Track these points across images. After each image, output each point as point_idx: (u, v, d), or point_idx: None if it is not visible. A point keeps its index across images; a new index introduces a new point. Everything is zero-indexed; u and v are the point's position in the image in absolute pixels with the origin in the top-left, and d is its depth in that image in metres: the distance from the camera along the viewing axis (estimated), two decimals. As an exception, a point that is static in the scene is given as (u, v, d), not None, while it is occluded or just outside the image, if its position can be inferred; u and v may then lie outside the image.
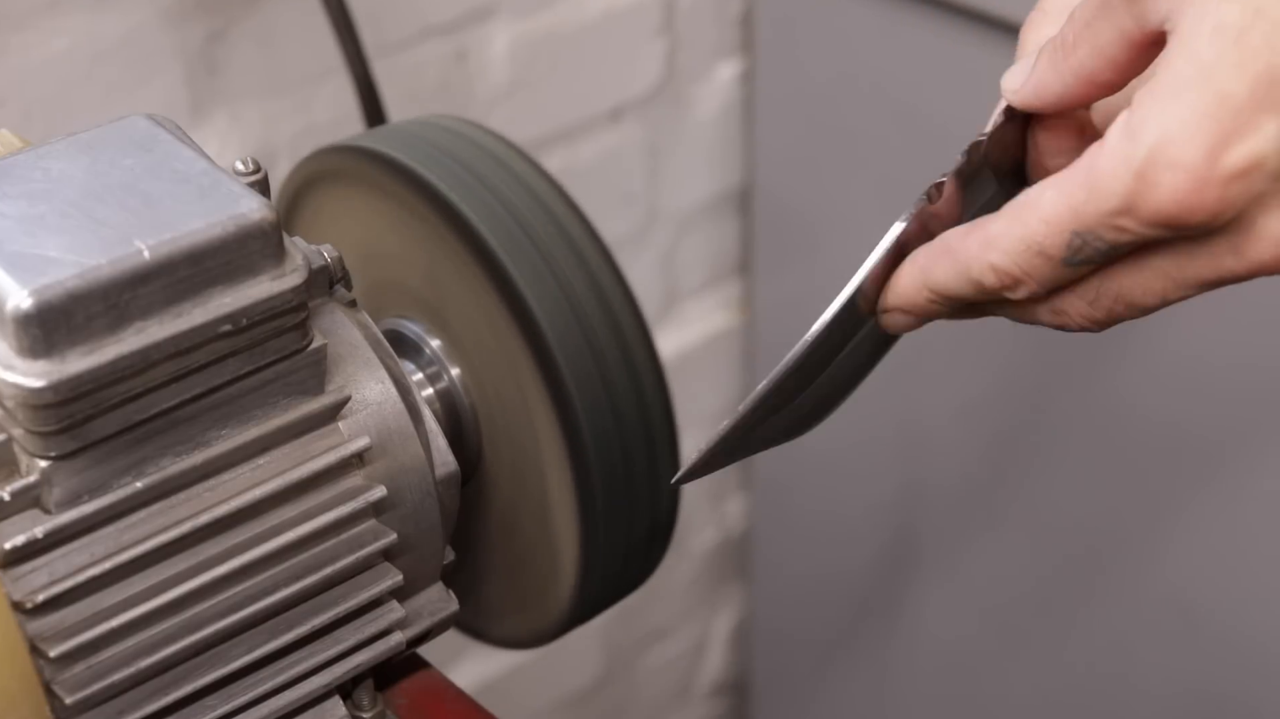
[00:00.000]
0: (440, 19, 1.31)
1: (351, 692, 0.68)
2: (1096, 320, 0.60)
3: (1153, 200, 0.53)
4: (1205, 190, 0.52)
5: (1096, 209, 0.55)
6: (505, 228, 0.70)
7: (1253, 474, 1.28)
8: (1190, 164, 0.52)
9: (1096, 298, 0.59)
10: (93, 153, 0.60)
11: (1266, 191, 0.53)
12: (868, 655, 1.66)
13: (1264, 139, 0.52)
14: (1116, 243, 0.55)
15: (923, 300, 0.62)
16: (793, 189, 1.50)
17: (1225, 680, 1.36)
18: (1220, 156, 0.52)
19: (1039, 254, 0.57)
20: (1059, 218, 0.56)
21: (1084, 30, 0.58)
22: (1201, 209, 0.53)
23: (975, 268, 0.59)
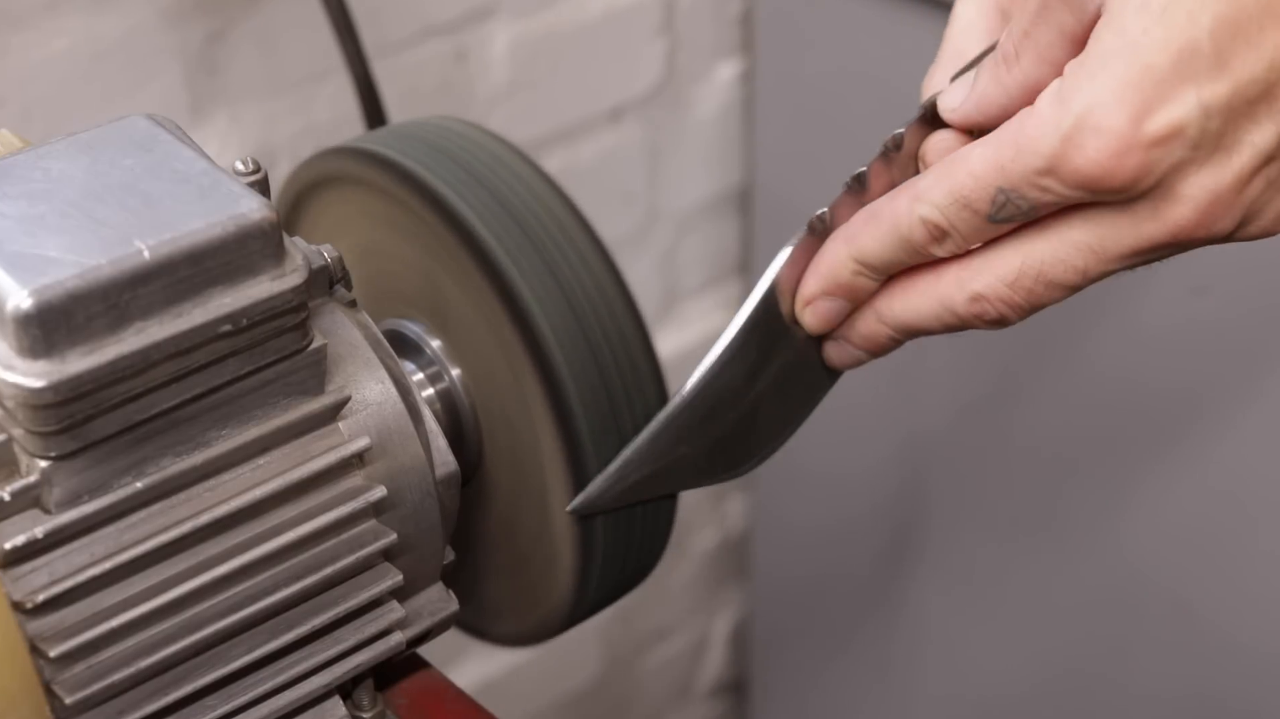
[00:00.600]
0: (440, 19, 1.31)
1: (351, 692, 0.68)
2: (1016, 305, 0.61)
3: (1077, 161, 0.56)
4: (1128, 154, 0.55)
5: (1023, 167, 0.57)
6: (505, 228, 0.70)
7: (1253, 475, 1.28)
8: (1115, 129, 0.55)
9: (1017, 278, 0.60)
10: (93, 153, 0.60)
11: (1185, 159, 0.55)
12: (868, 655, 1.66)
13: (1185, 107, 0.54)
14: (1038, 203, 0.58)
15: (848, 274, 0.64)
16: (793, 189, 1.50)
17: (1224, 680, 1.36)
18: (1143, 122, 0.54)
19: (966, 207, 0.59)
20: (986, 173, 0.58)
21: (1024, 39, 0.60)
22: (1123, 172, 0.55)
23: (904, 222, 0.61)
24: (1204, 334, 1.25)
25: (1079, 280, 0.60)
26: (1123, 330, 1.28)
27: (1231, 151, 0.55)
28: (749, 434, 0.70)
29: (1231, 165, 0.55)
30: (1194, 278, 1.20)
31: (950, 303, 0.62)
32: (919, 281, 0.63)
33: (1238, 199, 0.56)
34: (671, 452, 0.68)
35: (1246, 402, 1.25)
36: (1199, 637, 1.36)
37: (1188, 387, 1.28)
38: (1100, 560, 1.40)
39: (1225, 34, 0.54)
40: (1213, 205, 0.56)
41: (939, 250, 0.61)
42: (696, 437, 0.68)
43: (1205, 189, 0.56)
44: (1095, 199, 0.57)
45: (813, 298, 0.65)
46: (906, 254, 0.62)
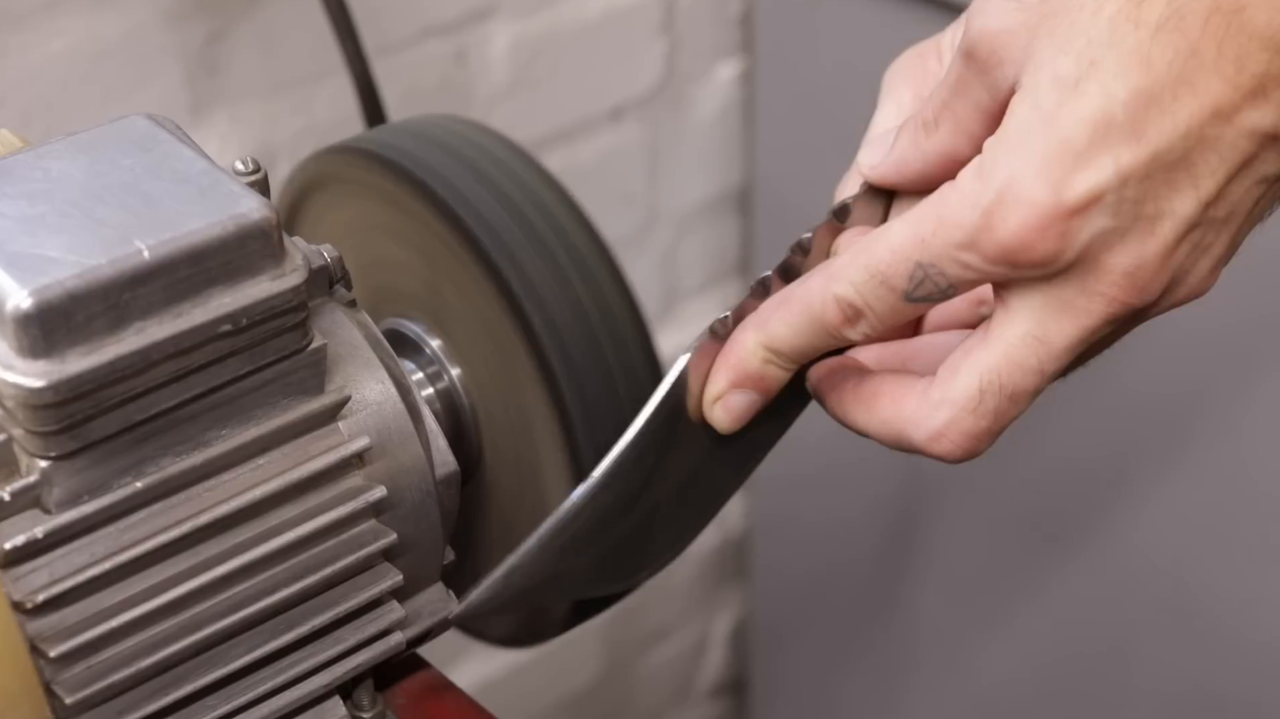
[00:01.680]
0: (440, 19, 1.31)
1: (351, 692, 0.68)
2: (985, 431, 0.60)
3: (998, 234, 0.55)
4: (1049, 226, 0.55)
5: (943, 240, 0.56)
6: (505, 228, 0.70)
7: (1253, 475, 1.28)
8: (1034, 200, 0.54)
9: (980, 400, 0.59)
10: (93, 153, 0.60)
11: (1107, 228, 0.55)
12: (868, 655, 1.66)
13: (1102, 175, 0.54)
14: (958, 280, 0.57)
15: (758, 363, 0.62)
16: (793, 189, 1.50)
17: (1225, 680, 1.36)
18: (1062, 193, 0.54)
19: (882, 283, 0.58)
20: (905, 247, 0.57)
21: (943, 110, 0.59)
22: (1044, 244, 0.55)
23: (817, 303, 0.60)
24: (1204, 334, 1.25)
25: (1038, 381, 0.59)
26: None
27: (1155, 221, 0.55)
28: (644, 544, 0.68)
29: (1155, 234, 0.55)
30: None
31: (911, 440, 0.60)
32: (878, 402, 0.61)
33: (1164, 265, 0.56)
34: (560, 561, 0.65)
35: (1247, 401, 1.25)
36: (1200, 636, 1.36)
37: (1188, 386, 1.28)
38: (1100, 559, 1.40)
39: (1140, 104, 0.54)
40: (1139, 273, 0.55)
41: (853, 333, 0.60)
42: (586, 546, 0.65)
43: (1130, 257, 0.55)
44: (1017, 275, 0.56)
45: (722, 392, 0.63)
46: (819, 338, 0.60)
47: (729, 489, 0.69)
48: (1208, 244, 0.57)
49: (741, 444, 0.66)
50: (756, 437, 0.66)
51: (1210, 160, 0.55)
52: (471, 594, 0.65)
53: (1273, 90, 0.54)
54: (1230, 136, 0.54)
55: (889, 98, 0.66)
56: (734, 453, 0.66)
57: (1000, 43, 0.56)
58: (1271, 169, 0.56)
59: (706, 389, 0.63)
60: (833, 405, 0.63)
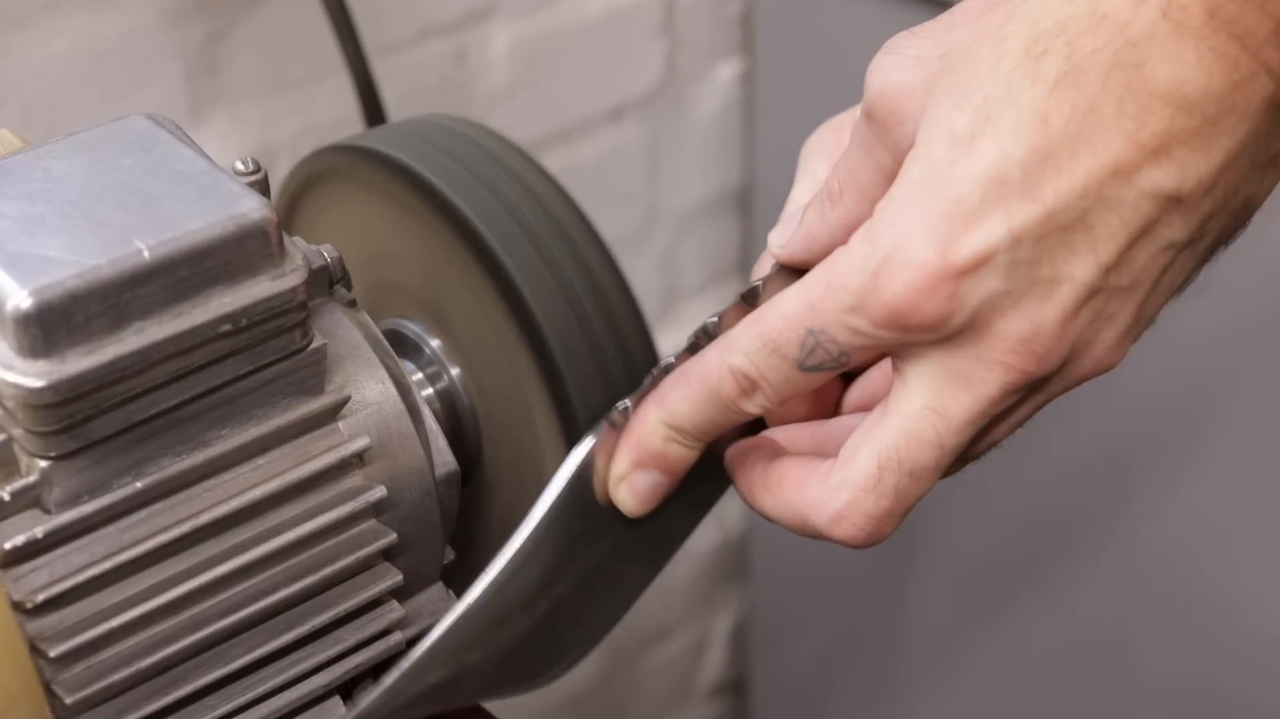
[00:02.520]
0: (440, 19, 1.31)
1: (351, 692, 0.68)
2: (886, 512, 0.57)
3: (884, 295, 0.53)
4: (936, 286, 0.53)
5: (833, 305, 0.55)
6: (505, 228, 0.70)
7: (1253, 475, 1.28)
8: (922, 260, 0.53)
9: (879, 478, 0.57)
10: (93, 153, 0.60)
11: (999, 291, 0.53)
12: (868, 655, 1.66)
13: (993, 235, 0.52)
14: (848, 346, 0.55)
15: (659, 441, 0.61)
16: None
17: (1227, 674, 1.36)
18: (950, 252, 0.52)
19: (775, 352, 0.57)
20: (796, 314, 0.56)
21: (848, 177, 0.58)
22: (931, 305, 0.53)
23: (713, 375, 0.58)
24: (1204, 334, 1.25)
25: (938, 456, 0.56)
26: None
27: (1050, 284, 0.53)
28: (549, 643, 0.65)
29: (1052, 299, 0.53)
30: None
31: (812, 524, 0.58)
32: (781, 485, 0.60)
33: (1063, 333, 0.53)
34: (456, 661, 0.63)
35: (1247, 401, 1.26)
36: (1202, 635, 1.36)
37: (1188, 386, 1.28)
38: (1101, 559, 1.40)
39: (1035, 162, 0.52)
40: (1035, 340, 0.53)
41: (750, 406, 0.58)
42: (484, 646, 0.63)
43: (1026, 322, 0.53)
44: (907, 339, 0.54)
45: (625, 473, 0.62)
46: (718, 412, 0.59)
47: (640, 584, 0.66)
48: (1111, 313, 0.54)
49: (652, 534, 0.64)
50: (668, 526, 0.64)
51: (1110, 222, 0.52)
52: (364, 701, 0.63)
53: (1175, 149, 0.52)
54: (1131, 197, 0.52)
55: (804, 173, 0.65)
56: (645, 544, 0.64)
57: (899, 100, 0.55)
58: (1177, 234, 0.53)
59: (611, 470, 0.62)
60: (742, 489, 0.62)
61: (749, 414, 0.59)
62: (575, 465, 0.61)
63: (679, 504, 0.63)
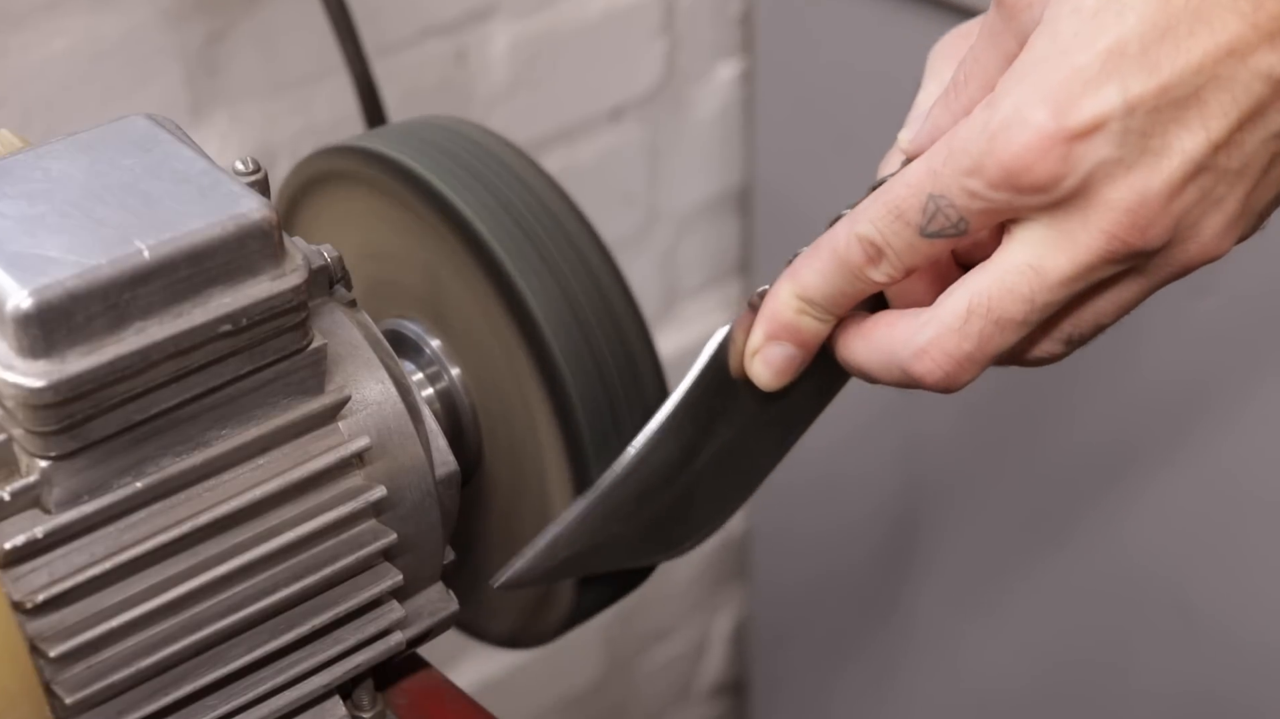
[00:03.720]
0: (440, 19, 1.31)
1: (351, 692, 0.68)
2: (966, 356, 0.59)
3: (1000, 156, 0.56)
4: (1050, 148, 0.55)
5: (952, 169, 0.57)
6: (505, 228, 0.70)
7: (1253, 475, 1.28)
8: (1038, 122, 0.55)
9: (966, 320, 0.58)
10: (93, 153, 0.60)
11: (1110, 158, 0.55)
12: (868, 655, 1.66)
13: (1108, 102, 0.54)
14: (966, 210, 0.57)
15: (792, 314, 0.63)
16: (793, 189, 1.50)
17: (1224, 679, 1.36)
18: (1066, 117, 0.55)
19: (898, 218, 0.59)
20: (918, 181, 0.58)
21: (973, 67, 0.60)
22: (1044, 165, 0.55)
23: (842, 245, 0.61)
24: (1204, 334, 1.25)
25: (1026, 311, 0.58)
26: (1123, 330, 1.28)
27: (1160, 155, 0.55)
28: (687, 513, 0.68)
29: (1160, 170, 0.55)
30: (1194, 277, 1.20)
31: (898, 359, 0.61)
32: (876, 329, 0.62)
33: (1168, 207, 0.56)
34: (603, 530, 0.66)
35: (1247, 401, 1.25)
36: (1199, 636, 1.36)
37: (1189, 386, 1.28)
38: (1100, 560, 1.40)
39: (1154, 36, 0.54)
40: (1141, 210, 0.55)
41: (876, 274, 0.60)
42: (629, 516, 0.66)
43: (1133, 191, 0.55)
44: (1020, 202, 0.56)
45: (759, 346, 0.64)
46: (846, 282, 0.61)
47: (770, 462, 0.69)
48: (1219, 197, 0.56)
49: (782, 414, 0.67)
50: (797, 408, 0.67)
51: (1222, 100, 0.55)
52: (514, 563, 0.66)
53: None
54: (1244, 77, 0.54)
55: (931, 76, 0.66)
56: (775, 423, 0.67)
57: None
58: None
59: (748, 345, 0.64)
60: (839, 342, 0.63)
61: (875, 283, 0.61)
62: (715, 345, 0.64)
63: (806, 387, 0.65)
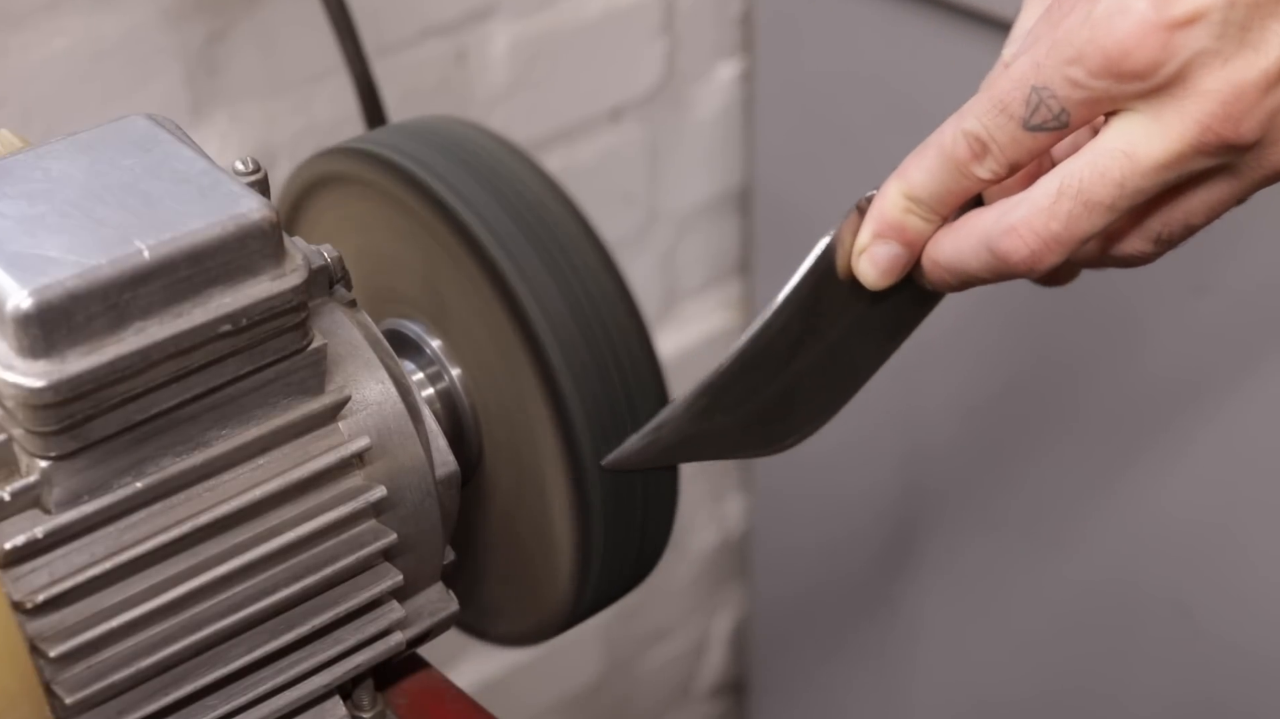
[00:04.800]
0: (440, 19, 1.31)
1: (351, 692, 0.68)
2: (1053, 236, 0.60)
3: (1102, 43, 0.57)
4: (1151, 34, 0.57)
5: (1055, 59, 0.59)
6: (505, 228, 0.70)
7: (1253, 476, 1.28)
8: (1139, 10, 0.57)
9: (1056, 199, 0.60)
10: (93, 153, 0.60)
11: (1208, 49, 0.57)
12: (868, 655, 1.66)
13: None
14: (1067, 101, 0.59)
15: (899, 213, 0.64)
16: (793, 189, 1.50)
17: (1223, 681, 1.36)
18: (1168, 5, 0.56)
19: (1002, 111, 0.60)
20: (1022, 74, 0.60)
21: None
22: (1144, 51, 0.57)
23: (948, 140, 0.62)
24: (1204, 334, 1.25)
25: (1116, 195, 0.59)
26: (1123, 330, 1.28)
27: (1258, 48, 0.56)
28: (788, 410, 0.69)
29: (1257, 62, 0.56)
30: (1194, 278, 1.20)
31: (988, 238, 0.62)
32: (967, 220, 0.63)
33: (1263, 100, 0.57)
34: (708, 419, 0.68)
35: (1247, 401, 1.25)
36: (1198, 638, 1.36)
37: (1188, 386, 1.28)
38: (1099, 561, 1.40)
39: None
40: (1237, 100, 0.57)
41: (981, 170, 0.62)
42: (733, 407, 0.68)
43: (1229, 82, 0.57)
44: (1120, 90, 0.58)
45: (866, 244, 0.65)
46: (952, 179, 0.62)
47: (871, 365, 0.70)
48: None
49: (885, 317, 0.67)
50: (899, 312, 0.67)
51: None
52: (623, 446, 0.67)
53: None
54: None
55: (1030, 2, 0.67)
56: (878, 326, 0.68)
57: None
58: None
59: (855, 244, 0.65)
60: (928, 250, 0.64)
61: (981, 180, 0.62)
62: (823, 246, 0.65)
63: (908, 294, 0.66)
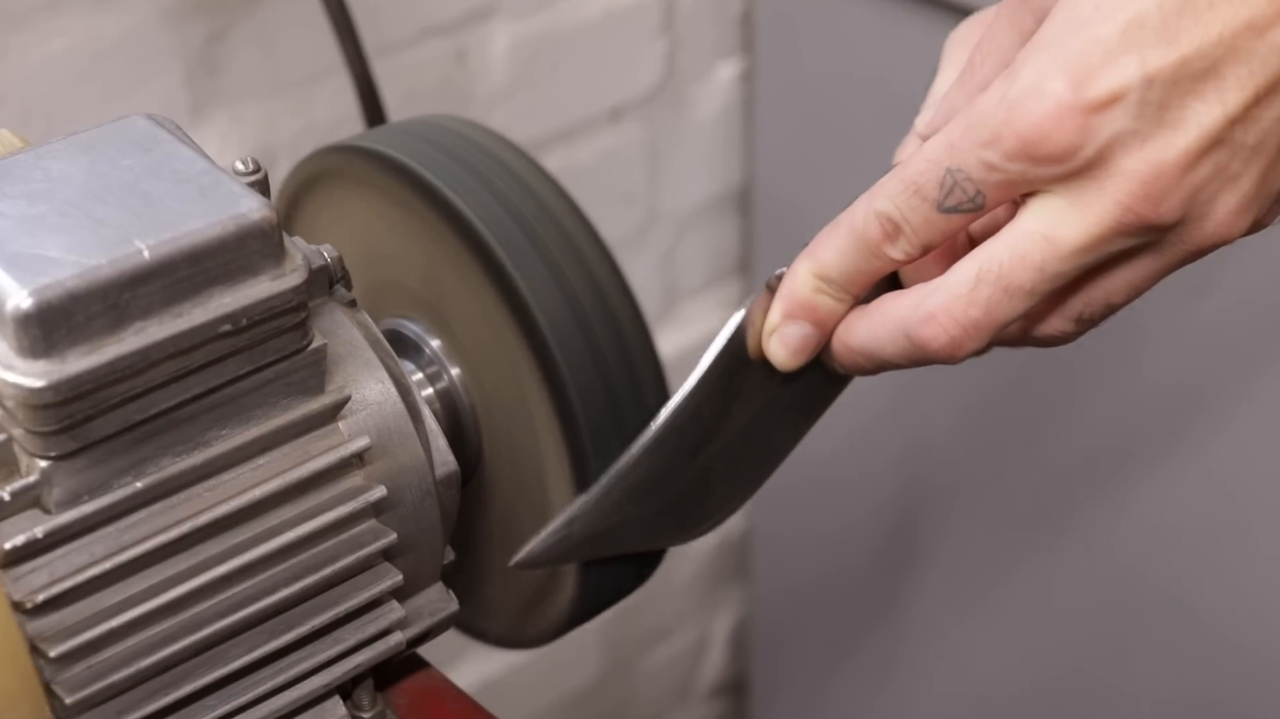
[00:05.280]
0: (440, 19, 1.31)
1: (351, 692, 0.68)
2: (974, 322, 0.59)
3: (1017, 126, 0.56)
4: (1067, 117, 0.55)
5: (970, 141, 0.57)
6: (505, 228, 0.70)
7: (1253, 476, 1.28)
8: (1056, 92, 0.55)
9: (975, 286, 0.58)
10: (93, 153, 0.60)
11: (1127, 130, 0.55)
12: (868, 655, 1.66)
13: (1127, 74, 0.54)
14: (983, 183, 0.57)
15: (809, 292, 0.62)
16: (793, 189, 1.50)
17: (1224, 680, 1.36)
18: (1084, 87, 0.55)
19: (916, 193, 0.59)
20: (937, 154, 0.58)
21: (990, 44, 0.60)
22: (1061, 135, 0.55)
23: (860, 220, 0.60)
24: (1204, 334, 1.25)
25: (1036, 279, 0.58)
26: (1123, 330, 1.28)
27: (1176, 128, 0.55)
28: (704, 496, 0.68)
29: (1176, 141, 0.55)
30: (1194, 278, 1.20)
31: (905, 325, 0.60)
32: (882, 304, 0.62)
33: (1183, 180, 0.56)
34: (620, 511, 0.66)
35: (1246, 402, 1.25)
36: (1198, 638, 1.36)
37: (1188, 387, 1.28)
38: (1100, 561, 1.40)
39: (1173, 8, 0.54)
40: (1156, 180, 0.55)
41: (894, 251, 0.60)
42: (646, 497, 0.66)
43: (1148, 162, 0.55)
44: (1037, 173, 0.56)
45: (776, 325, 0.63)
46: (863, 259, 0.61)
47: (786, 445, 0.69)
48: (1234, 173, 0.56)
49: (799, 397, 0.66)
50: (813, 391, 0.66)
51: (1240, 74, 0.55)
52: (531, 543, 0.66)
53: None
54: (1262, 51, 0.54)
55: (948, 63, 0.67)
56: (792, 407, 0.67)
57: None
58: None
59: (765, 324, 0.64)
60: (841, 333, 0.63)
61: (893, 260, 0.60)
62: (733, 327, 0.64)
63: (822, 372, 0.65)
